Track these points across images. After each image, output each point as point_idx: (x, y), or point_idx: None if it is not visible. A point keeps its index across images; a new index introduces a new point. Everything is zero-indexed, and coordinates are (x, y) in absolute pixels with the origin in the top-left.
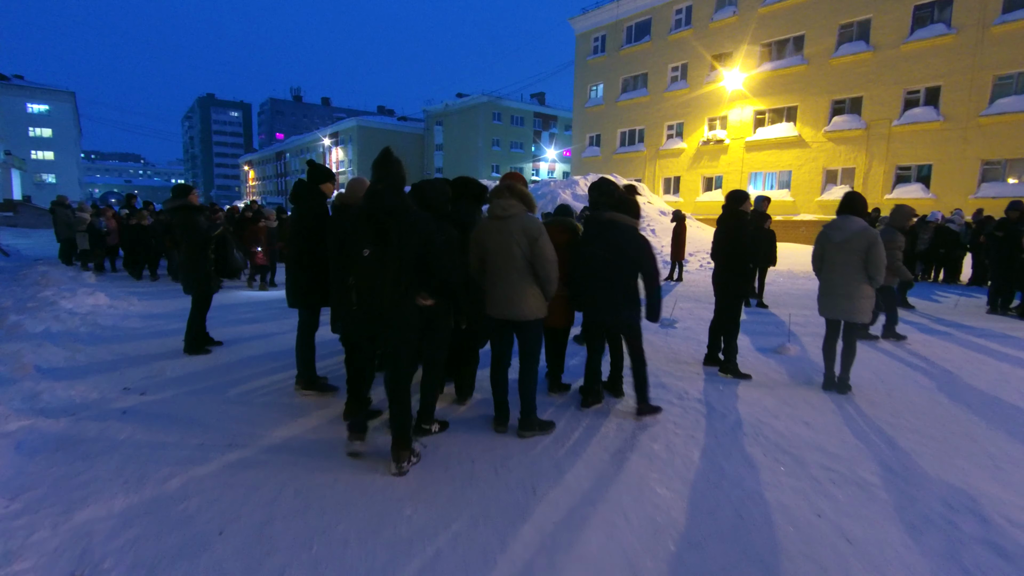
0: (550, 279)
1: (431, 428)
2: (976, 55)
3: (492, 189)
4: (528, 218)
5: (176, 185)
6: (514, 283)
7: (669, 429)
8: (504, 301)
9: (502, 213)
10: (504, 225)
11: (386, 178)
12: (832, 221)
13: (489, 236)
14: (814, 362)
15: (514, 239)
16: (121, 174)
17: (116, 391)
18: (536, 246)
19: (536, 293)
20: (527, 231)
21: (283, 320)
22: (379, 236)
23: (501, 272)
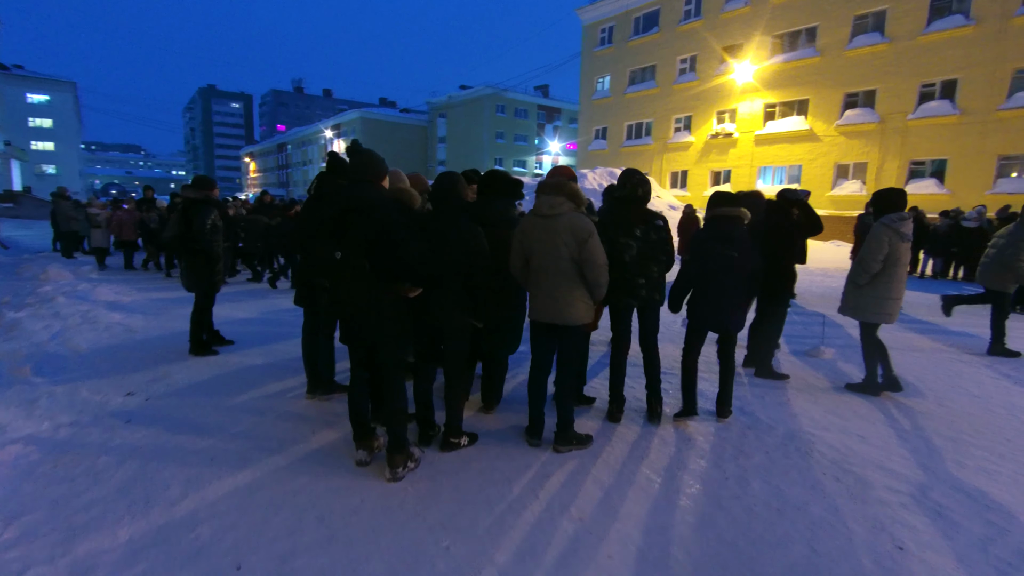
0: (599, 283)
1: (460, 442)
2: (996, 47)
3: (538, 184)
4: (577, 217)
5: (199, 176)
6: (560, 286)
7: (715, 443)
8: (549, 304)
9: (549, 211)
10: (550, 224)
11: (353, 172)
12: (896, 216)
13: (534, 235)
14: (851, 366)
15: (561, 239)
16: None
17: (119, 396)
18: (585, 248)
19: (583, 297)
20: (576, 231)
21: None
22: (347, 236)
23: (546, 274)
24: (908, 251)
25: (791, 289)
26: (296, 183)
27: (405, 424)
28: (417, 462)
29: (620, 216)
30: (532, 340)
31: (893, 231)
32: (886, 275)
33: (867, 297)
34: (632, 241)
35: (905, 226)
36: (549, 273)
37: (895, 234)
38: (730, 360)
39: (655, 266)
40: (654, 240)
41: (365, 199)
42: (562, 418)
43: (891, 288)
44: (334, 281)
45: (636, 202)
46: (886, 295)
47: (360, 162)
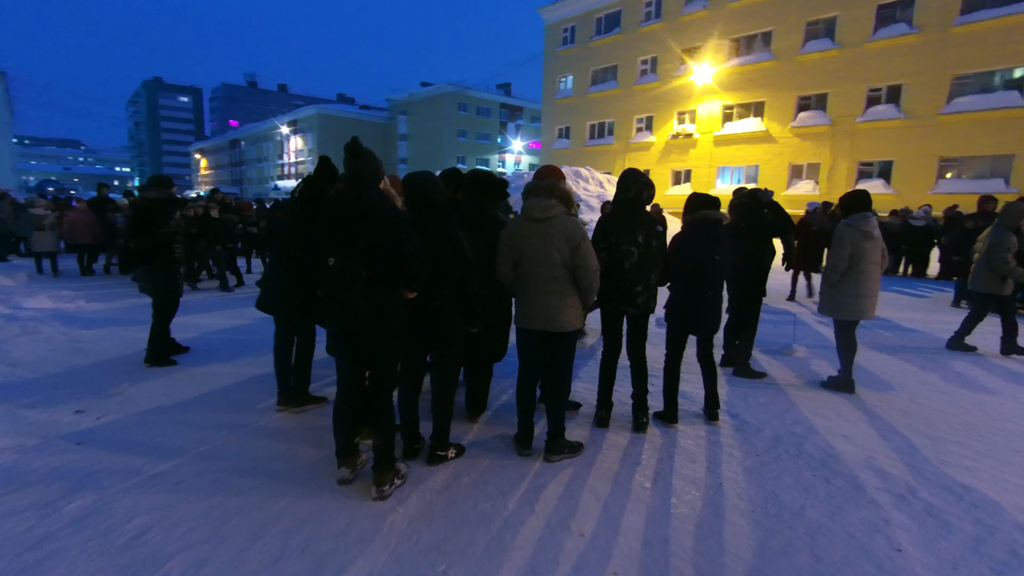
0: (592, 289)
1: (448, 454)
2: (937, 55)
3: (528, 186)
4: (569, 221)
5: (157, 176)
6: (552, 292)
7: (705, 447)
8: (539, 311)
9: (541, 215)
10: (543, 228)
11: (355, 176)
12: (859, 216)
13: (525, 239)
14: (823, 363)
15: (554, 244)
16: (59, 161)
17: (68, 414)
18: (578, 253)
19: (575, 303)
20: (568, 236)
21: (260, 323)
22: (347, 242)
23: (538, 279)
24: (875, 248)
25: (764, 288)
26: (251, 181)
27: (394, 438)
28: (404, 478)
29: (623, 221)
30: (520, 348)
31: (855, 230)
32: (854, 273)
33: (840, 296)
34: (634, 248)
35: (867, 224)
36: (540, 279)
37: (858, 232)
38: (712, 361)
39: (653, 274)
40: (654, 247)
41: (371, 205)
42: (553, 427)
43: (861, 285)
44: (329, 289)
45: (640, 206)
46: (857, 292)
47: (363, 165)
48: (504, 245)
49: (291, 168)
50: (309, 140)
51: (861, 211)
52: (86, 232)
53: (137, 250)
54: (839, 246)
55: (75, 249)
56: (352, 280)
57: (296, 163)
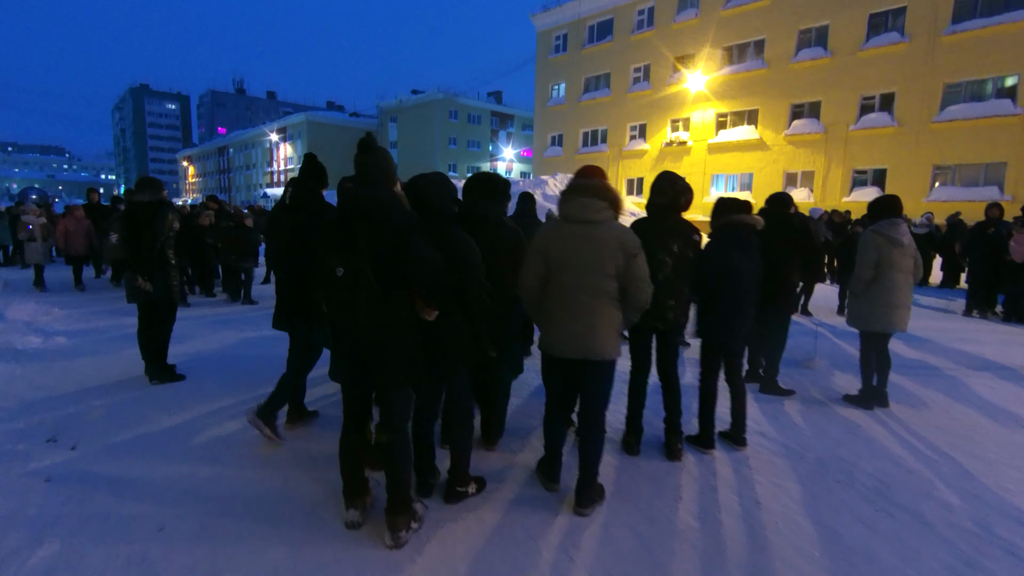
0: (642, 308)
1: (467, 490)
2: (928, 63)
3: (571, 185)
4: (623, 227)
5: (146, 177)
6: (598, 311)
7: (747, 476)
8: (574, 334)
9: (594, 216)
10: (595, 232)
11: (360, 172)
12: (887, 222)
13: (568, 245)
14: (847, 376)
15: (607, 252)
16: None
17: (38, 443)
18: (635, 265)
19: (617, 325)
20: (625, 244)
21: (254, 339)
22: (348, 246)
23: (581, 294)
24: (905, 256)
25: (795, 300)
26: (239, 188)
27: (410, 475)
28: (421, 521)
29: (657, 228)
30: (547, 378)
31: (883, 237)
32: (883, 282)
33: (868, 306)
34: (668, 258)
35: (896, 231)
36: (585, 293)
37: (885, 240)
38: (741, 380)
39: (686, 287)
40: (689, 258)
41: (375, 203)
42: (586, 475)
43: (891, 295)
44: (336, 302)
45: (676, 212)
46: (886, 302)
47: (372, 161)
48: (535, 252)
49: (280, 175)
50: (298, 147)
51: (889, 217)
52: (82, 242)
53: (143, 265)
54: (864, 254)
55: (71, 261)
56: (358, 290)
57: (285, 170)
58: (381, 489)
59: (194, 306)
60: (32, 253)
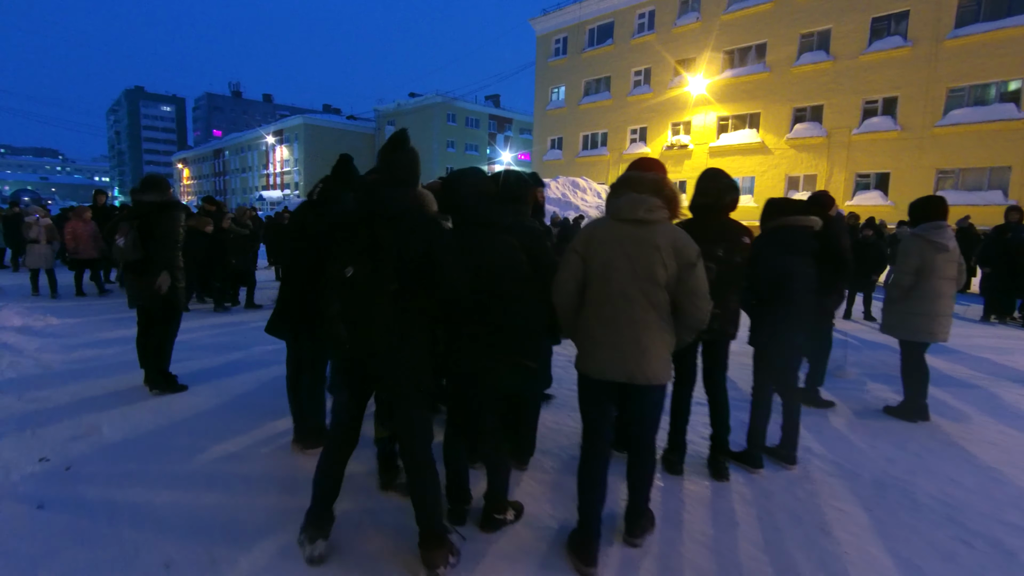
0: (700, 325)
1: (505, 516)
2: (930, 67)
3: (621, 178)
4: (679, 230)
5: (152, 176)
6: (641, 326)
7: (803, 498)
8: (618, 353)
9: (646, 215)
10: (645, 234)
11: (388, 169)
12: (930, 225)
13: (613, 247)
14: (878, 386)
15: (660, 258)
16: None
17: (29, 463)
18: (691, 276)
19: (669, 344)
20: (680, 249)
21: (250, 343)
22: (372, 248)
23: (621, 306)
24: (949, 262)
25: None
26: (234, 191)
27: (440, 502)
28: (458, 555)
29: (701, 230)
30: (584, 405)
31: (926, 241)
32: (924, 289)
33: (904, 314)
34: (712, 263)
35: (940, 235)
36: (628, 305)
37: (928, 245)
38: (794, 393)
39: (735, 296)
40: (737, 263)
41: (404, 205)
42: (637, 503)
43: (933, 303)
44: (345, 306)
45: (721, 213)
46: (928, 311)
47: (403, 160)
48: (573, 252)
49: (277, 178)
50: (295, 150)
51: (933, 220)
52: (91, 245)
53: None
54: (906, 259)
55: (77, 265)
56: (376, 295)
57: (282, 173)
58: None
59: (194, 312)
60: (35, 256)
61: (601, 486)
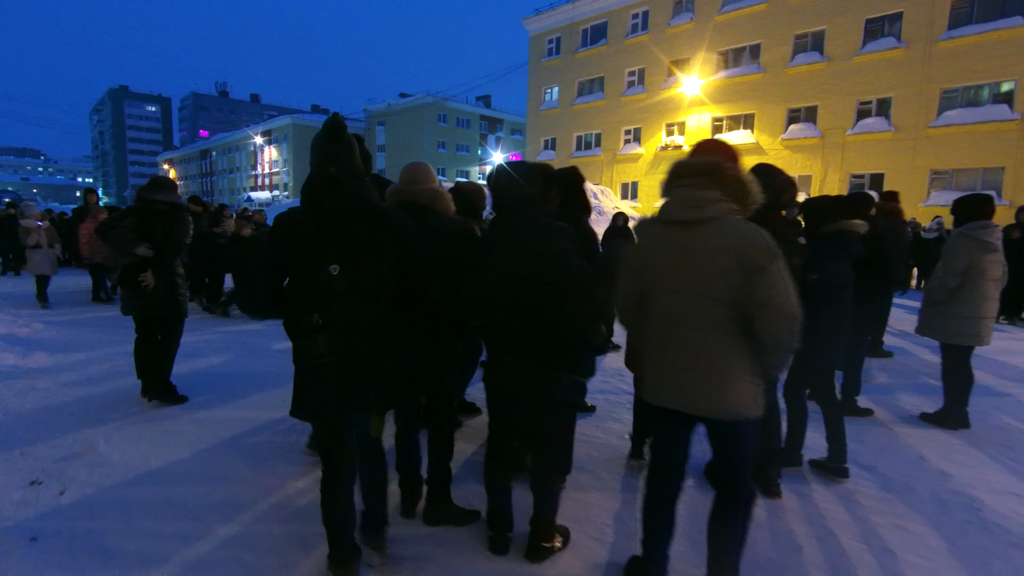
0: (783, 347)
1: (553, 544)
2: (924, 69)
3: (673, 167)
4: (744, 227)
5: (160, 177)
6: (701, 349)
7: (862, 516)
8: (674, 381)
9: (691, 213)
10: (692, 240)
11: (341, 162)
12: (977, 224)
13: (657, 259)
14: (908, 391)
15: (714, 265)
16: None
17: (19, 487)
18: (761, 284)
19: (748, 369)
20: (742, 251)
21: (249, 349)
22: (345, 249)
23: (673, 327)
24: (996, 263)
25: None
26: (221, 192)
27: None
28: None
29: None
30: (655, 434)
31: (974, 241)
32: (971, 291)
33: (946, 316)
34: None
35: (988, 235)
36: (681, 325)
37: (976, 244)
38: (835, 401)
39: None
40: (796, 266)
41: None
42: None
43: (975, 306)
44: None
45: (775, 212)
46: (970, 314)
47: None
48: (626, 264)
49: (265, 179)
50: (284, 151)
51: (979, 219)
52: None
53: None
54: (952, 259)
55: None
56: (358, 297)
57: (271, 174)
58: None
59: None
60: (35, 262)
61: (667, 522)
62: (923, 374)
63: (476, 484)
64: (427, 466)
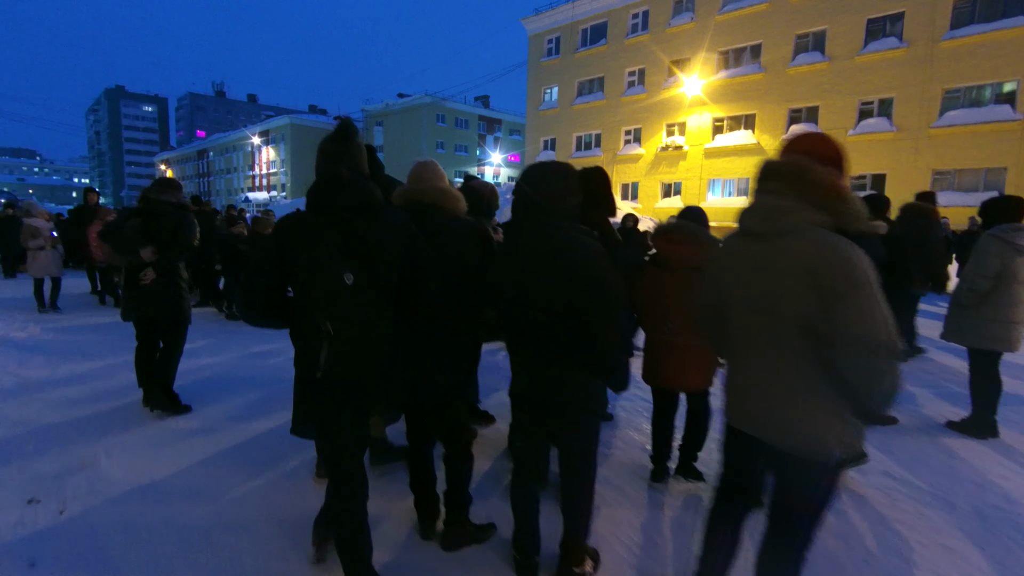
0: (870, 387)
1: (584, 570)
2: (926, 69)
3: (758, 167)
4: (826, 242)
5: (165, 178)
6: (767, 374)
7: (901, 533)
8: (743, 401)
9: (769, 224)
10: (765, 254)
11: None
12: (1009, 226)
13: (731, 274)
14: (928, 396)
15: (785, 287)
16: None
17: (16, 505)
18: (842, 312)
19: (820, 408)
20: (816, 273)
21: (251, 351)
22: (353, 248)
23: (743, 348)
24: None
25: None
26: (219, 192)
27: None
28: None
29: None
30: (724, 450)
31: (1006, 243)
32: (999, 294)
33: (975, 320)
34: None
35: (1021, 237)
36: (749, 346)
37: (1008, 247)
38: None
39: None
40: None
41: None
42: None
43: (1007, 310)
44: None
45: None
46: (1001, 318)
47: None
48: (707, 274)
49: (263, 179)
50: (281, 151)
51: (1012, 220)
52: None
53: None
54: (983, 261)
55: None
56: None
57: (268, 174)
58: None
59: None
60: (42, 263)
61: (723, 549)
62: (947, 380)
63: (494, 498)
64: (444, 484)
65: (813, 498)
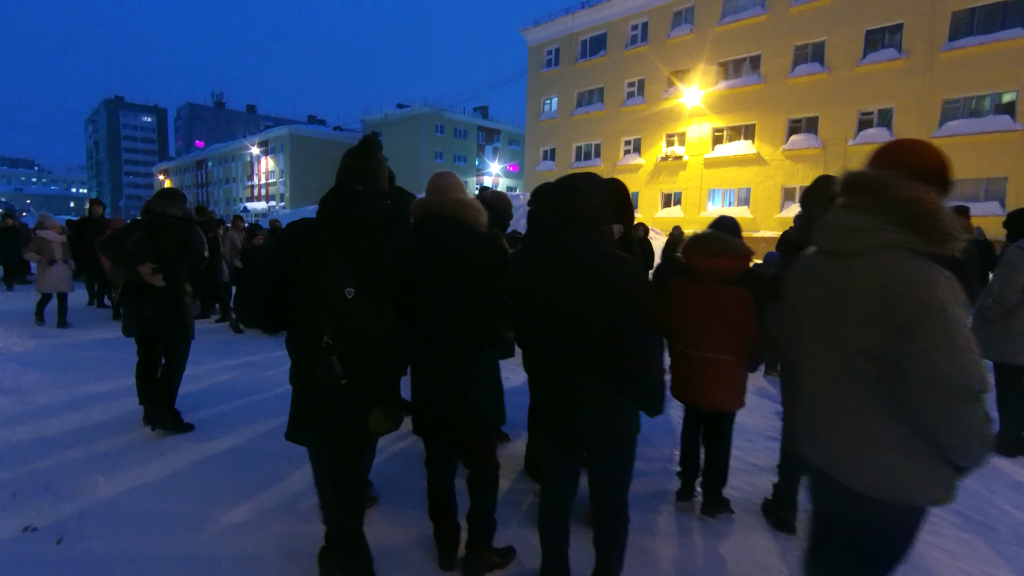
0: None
1: None
2: (925, 79)
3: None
4: (900, 267)
5: (170, 189)
6: (828, 404)
7: (946, 563)
8: (808, 434)
9: (835, 244)
10: (835, 274)
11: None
12: None
13: (800, 292)
14: None
15: (852, 312)
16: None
17: (12, 533)
18: (913, 344)
19: (891, 443)
20: (886, 299)
21: (251, 362)
22: (361, 266)
23: (807, 373)
24: None
25: None
26: (217, 202)
27: None
28: None
29: None
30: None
31: None
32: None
33: (1002, 334)
34: None
35: None
36: (813, 371)
37: None
38: None
39: None
40: None
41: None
42: None
43: None
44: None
45: None
46: None
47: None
48: (786, 289)
49: (262, 190)
50: (280, 161)
51: None
52: None
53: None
54: (1012, 274)
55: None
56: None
57: (267, 184)
58: None
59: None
60: (52, 277)
61: None
62: None
63: (516, 526)
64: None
65: (860, 538)
